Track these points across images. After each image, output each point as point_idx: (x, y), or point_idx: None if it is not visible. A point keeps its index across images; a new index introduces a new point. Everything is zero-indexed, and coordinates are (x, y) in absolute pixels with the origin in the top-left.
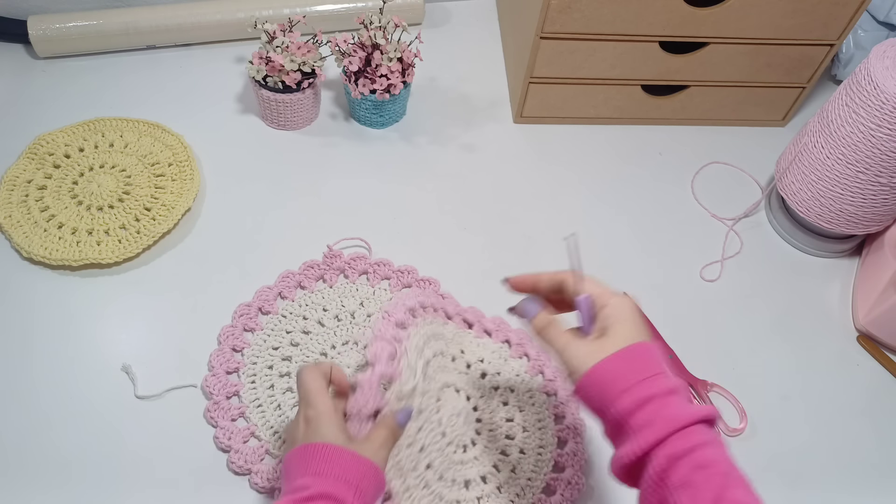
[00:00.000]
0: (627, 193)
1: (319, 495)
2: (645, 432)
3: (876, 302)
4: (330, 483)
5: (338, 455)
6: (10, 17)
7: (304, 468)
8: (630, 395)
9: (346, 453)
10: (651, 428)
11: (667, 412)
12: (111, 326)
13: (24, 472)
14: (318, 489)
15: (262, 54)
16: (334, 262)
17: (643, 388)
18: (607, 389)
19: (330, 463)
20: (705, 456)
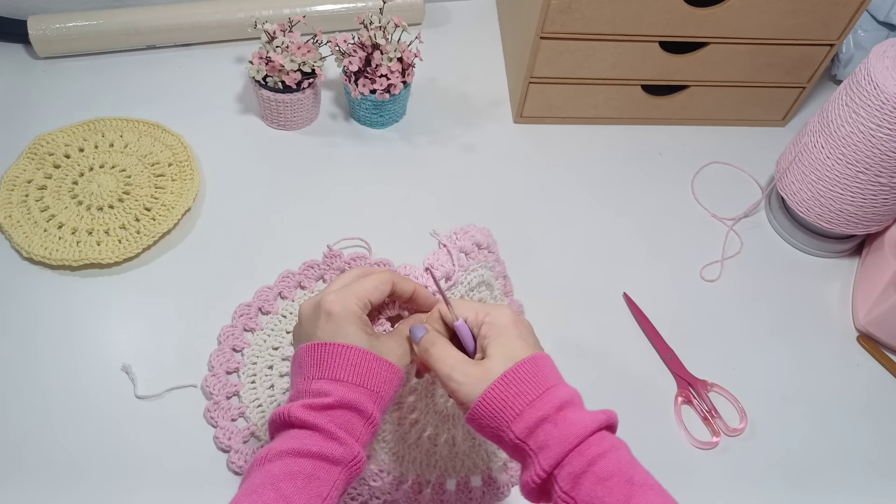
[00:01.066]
0: (627, 193)
1: (339, 403)
2: (542, 455)
3: (876, 302)
4: (350, 391)
5: (359, 358)
6: (10, 17)
7: (323, 370)
8: (521, 421)
9: (366, 356)
10: (547, 450)
11: (559, 431)
12: (111, 326)
13: (24, 472)
14: (339, 397)
15: (262, 54)
16: (334, 262)
17: (532, 411)
18: (498, 417)
19: (349, 368)
20: (605, 467)
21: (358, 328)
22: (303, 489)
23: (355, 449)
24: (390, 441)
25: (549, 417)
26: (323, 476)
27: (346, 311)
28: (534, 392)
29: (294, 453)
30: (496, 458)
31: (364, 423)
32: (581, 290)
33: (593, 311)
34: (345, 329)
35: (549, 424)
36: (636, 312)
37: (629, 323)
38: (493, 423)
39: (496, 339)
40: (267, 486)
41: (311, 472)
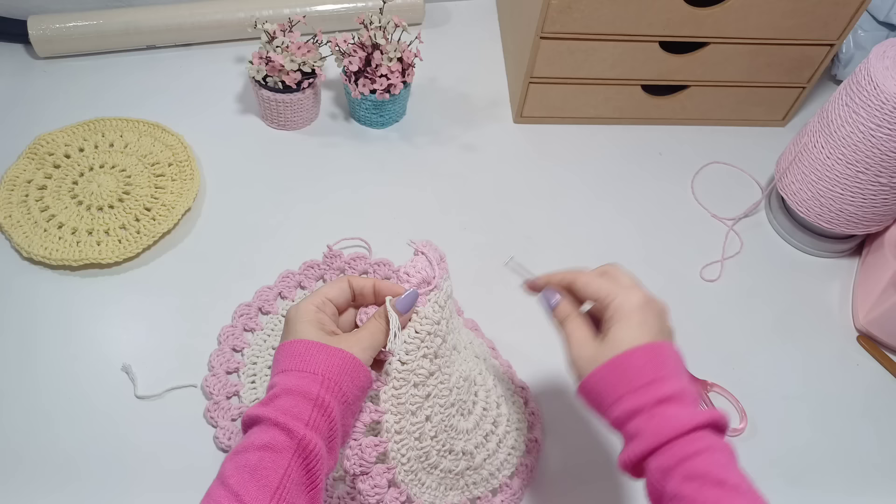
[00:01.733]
0: (627, 193)
1: (283, 392)
2: (634, 444)
3: (876, 302)
4: (293, 377)
5: (303, 348)
6: (10, 17)
7: (275, 368)
8: (617, 408)
9: (311, 345)
10: (638, 441)
11: (654, 424)
12: (111, 326)
13: (24, 472)
14: (282, 386)
15: (262, 54)
16: (334, 262)
17: (630, 399)
18: (601, 398)
19: (295, 357)
20: (697, 466)
21: (308, 324)
22: (249, 481)
23: (300, 432)
24: (411, 460)
25: (644, 409)
26: (269, 465)
27: (298, 313)
28: (637, 382)
29: (241, 450)
30: (507, 465)
31: (312, 406)
32: None
33: None
34: (296, 328)
35: (645, 416)
36: None
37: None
38: (594, 402)
39: (618, 322)
40: (216, 486)
41: (255, 464)
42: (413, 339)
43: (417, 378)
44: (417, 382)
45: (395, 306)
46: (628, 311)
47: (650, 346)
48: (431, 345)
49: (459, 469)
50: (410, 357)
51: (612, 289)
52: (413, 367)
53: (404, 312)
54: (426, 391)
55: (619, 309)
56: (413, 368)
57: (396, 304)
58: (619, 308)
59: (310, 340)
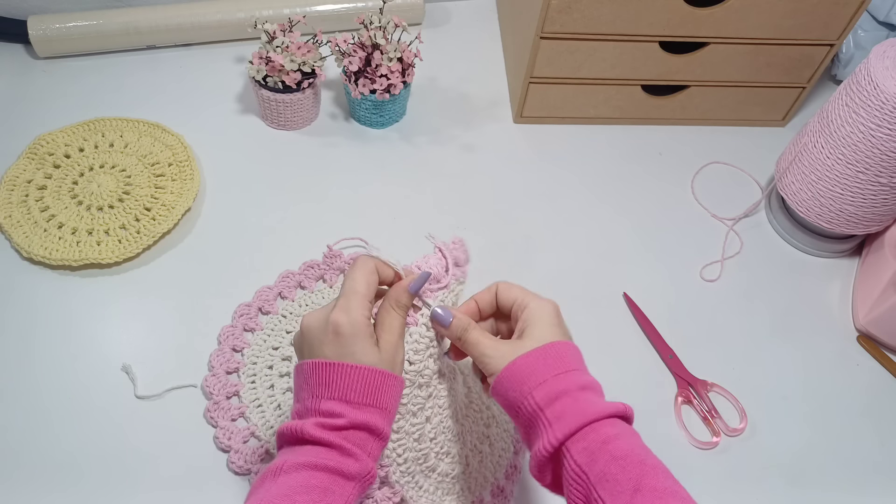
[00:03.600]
0: (627, 193)
1: (352, 425)
2: (557, 425)
3: (876, 302)
4: (363, 412)
5: (371, 378)
6: (10, 17)
7: (332, 390)
8: (543, 389)
9: (378, 375)
10: (562, 421)
11: (579, 406)
12: (111, 326)
13: (24, 473)
14: (351, 419)
15: (262, 54)
16: (334, 262)
17: (556, 382)
18: (523, 383)
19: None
20: (620, 447)
21: (366, 345)
22: (318, 501)
23: (369, 465)
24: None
25: (569, 392)
26: (338, 490)
27: (354, 329)
28: (559, 368)
29: (311, 466)
30: (500, 467)
31: (375, 439)
32: (581, 289)
33: (593, 311)
34: (353, 348)
35: (569, 399)
36: (636, 312)
37: (629, 323)
38: (516, 389)
39: (535, 323)
40: (282, 497)
41: (327, 486)
42: (423, 339)
43: (423, 379)
44: (422, 383)
45: (410, 290)
46: (545, 314)
47: (568, 344)
48: (437, 345)
49: (456, 473)
50: (419, 357)
51: (526, 294)
52: (420, 368)
53: (415, 293)
54: (429, 391)
55: (536, 311)
56: (420, 370)
57: (410, 288)
58: (535, 310)
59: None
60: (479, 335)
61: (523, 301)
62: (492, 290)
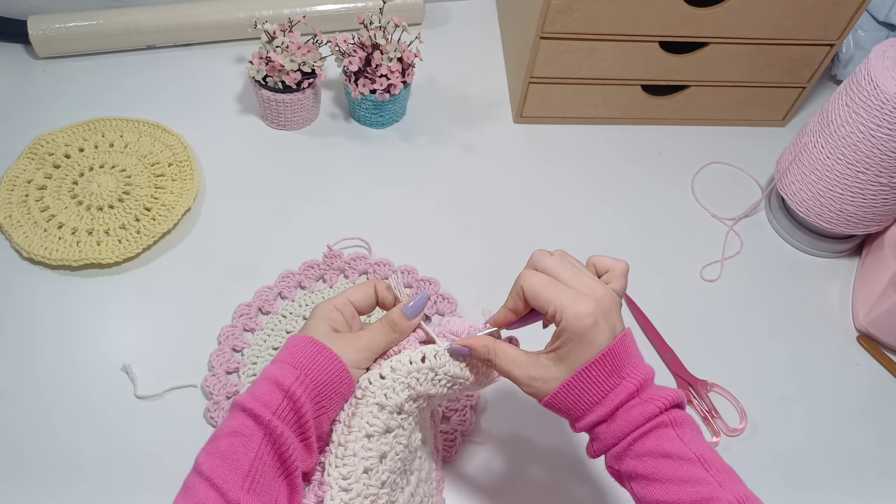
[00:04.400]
0: (627, 193)
1: (263, 378)
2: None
3: (876, 302)
4: (276, 367)
5: (299, 342)
6: (10, 17)
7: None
8: (581, 424)
9: (306, 341)
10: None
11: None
12: (111, 326)
13: (24, 473)
14: (264, 373)
15: (262, 54)
16: (334, 262)
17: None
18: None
19: (287, 349)
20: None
21: (320, 321)
22: (220, 465)
23: (266, 418)
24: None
25: (603, 419)
26: (238, 449)
27: (317, 310)
28: (591, 400)
29: (212, 438)
30: None
31: (283, 396)
32: None
33: None
34: (310, 323)
35: (604, 425)
36: (636, 312)
37: (629, 323)
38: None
39: (571, 343)
40: (190, 475)
41: (226, 450)
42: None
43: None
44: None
45: (405, 311)
46: (581, 332)
47: (604, 354)
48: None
49: None
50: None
51: (559, 302)
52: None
53: (412, 318)
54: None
55: (570, 328)
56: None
57: (405, 309)
58: (568, 327)
59: (307, 336)
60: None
61: (557, 309)
62: (520, 293)
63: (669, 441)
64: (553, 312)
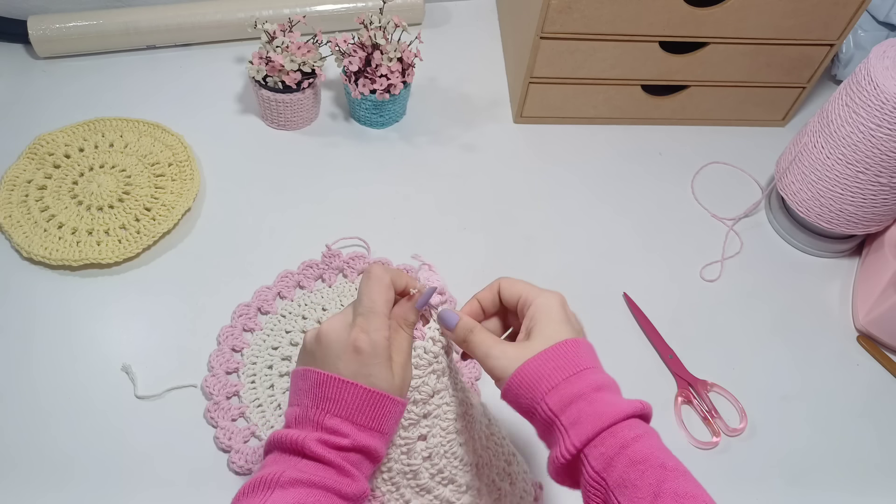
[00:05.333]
0: (627, 193)
1: (355, 447)
2: (573, 432)
3: (876, 302)
4: (368, 437)
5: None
6: (10, 17)
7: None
8: (556, 394)
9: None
10: (579, 427)
11: (594, 409)
12: (111, 326)
13: (24, 472)
14: (355, 441)
15: (262, 54)
16: (333, 261)
17: (569, 385)
18: (534, 389)
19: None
20: (639, 451)
21: (383, 368)
22: None
23: (364, 485)
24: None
25: (583, 395)
26: None
27: (374, 350)
28: (571, 369)
29: (309, 483)
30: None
31: (372, 462)
32: (581, 290)
33: (593, 311)
34: (370, 369)
35: (584, 402)
36: (636, 312)
37: (629, 323)
38: (527, 395)
39: (542, 320)
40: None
41: None
42: (426, 354)
43: (419, 395)
44: (418, 399)
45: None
46: (553, 309)
47: (579, 341)
48: (443, 360)
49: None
50: (419, 372)
51: (532, 289)
52: (417, 384)
53: (420, 309)
54: (426, 409)
55: (542, 307)
56: (417, 385)
57: (417, 305)
58: (541, 306)
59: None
60: (484, 337)
61: (528, 296)
62: (494, 288)
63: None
64: (524, 298)
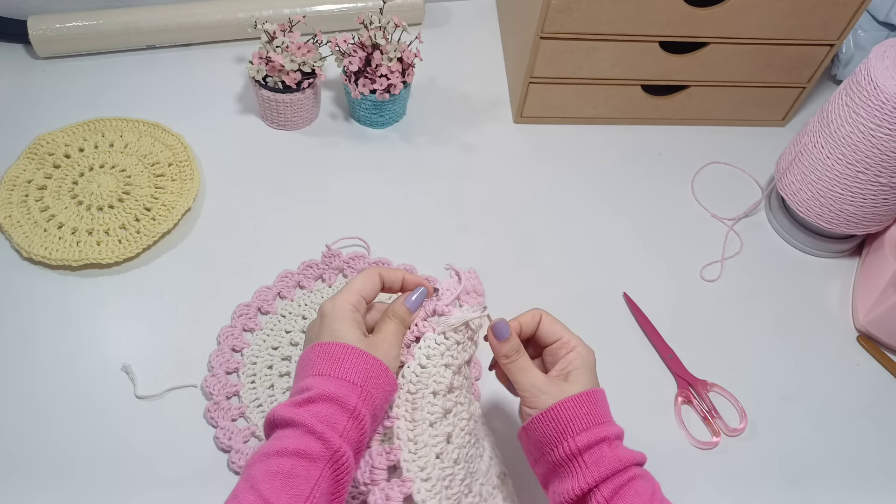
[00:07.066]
0: (627, 193)
1: (320, 396)
2: (594, 468)
3: (876, 302)
4: (332, 384)
5: (343, 353)
6: (10, 17)
7: (310, 367)
8: (586, 436)
9: (350, 351)
10: (600, 466)
11: (615, 453)
12: (111, 326)
13: (24, 473)
14: (319, 391)
15: (262, 54)
16: (333, 261)
17: (598, 430)
18: (568, 426)
19: (334, 361)
20: (641, 485)
21: (348, 324)
22: (281, 488)
23: (336, 443)
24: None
25: (608, 440)
26: (302, 474)
27: (335, 310)
28: (600, 418)
29: (273, 453)
30: None
31: (348, 417)
32: (581, 290)
33: (593, 311)
34: (334, 326)
35: (607, 446)
36: (636, 312)
37: (629, 323)
38: (556, 431)
39: (580, 368)
40: (246, 490)
41: (289, 471)
42: (438, 346)
43: (437, 386)
44: (437, 391)
45: (408, 305)
46: (590, 362)
47: (602, 392)
48: (457, 356)
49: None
50: (431, 362)
51: (572, 336)
52: (432, 373)
53: (414, 311)
54: (447, 405)
55: (584, 357)
56: (432, 374)
57: (407, 304)
58: (583, 356)
59: (349, 345)
60: (529, 363)
61: (569, 342)
62: (535, 318)
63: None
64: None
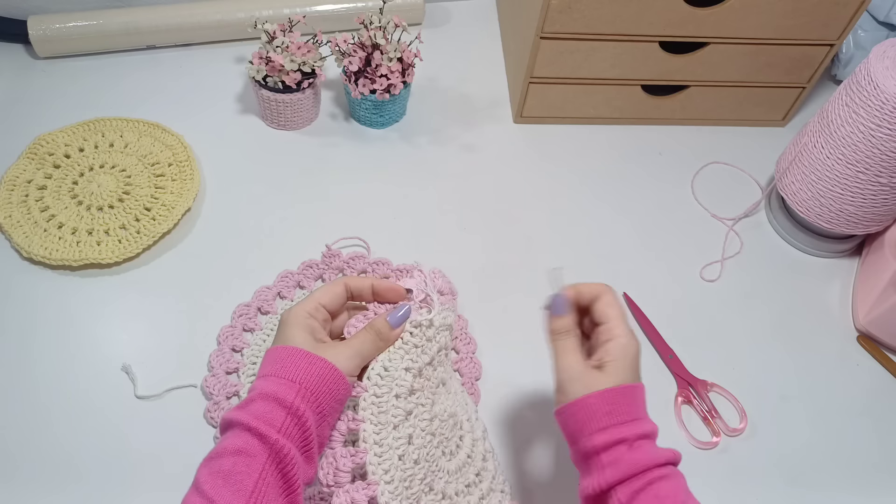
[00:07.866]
0: (627, 193)
1: (259, 396)
2: (610, 470)
3: (876, 302)
4: (271, 383)
5: (287, 354)
6: (10, 17)
7: (258, 373)
8: (604, 435)
9: (295, 352)
10: (616, 467)
11: (633, 455)
12: (111, 326)
13: (24, 473)
14: (259, 391)
15: (262, 54)
16: (333, 261)
17: (619, 430)
18: (588, 421)
19: (277, 363)
20: (664, 488)
21: (298, 329)
22: (223, 486)
23: (273, 437)
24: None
25: (627, 440)
26: (242, 470)
27: (289, 317)
28: (624, 416)
29: (215, 455)
30: None
31: (286, 413)
32: None
33: None
34: (286, 331)
35: (625, 446)
36: (636, 312)
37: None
38: (578, 425)
39: (620, 360)
40: (192, 493)
41: (229, 469)
42: (399, 349)
43: (399, 389)
44: (399, 394)
45: (390, 321)
46: (630, 354)
47: (638, 387)
48: (416, 359)
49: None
50: (393, 365)
51: (618, 324)
52: (395, 377)
53: (396, 327)
54: (409, 407)
55: (623, 348)
56: (394, 377)
57: (390, 319)
58: (623, 347)
59: (294, 347)
60: (575, 347)
61: (615, 330)
62: (594, 293)
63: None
64: (609, 328)
